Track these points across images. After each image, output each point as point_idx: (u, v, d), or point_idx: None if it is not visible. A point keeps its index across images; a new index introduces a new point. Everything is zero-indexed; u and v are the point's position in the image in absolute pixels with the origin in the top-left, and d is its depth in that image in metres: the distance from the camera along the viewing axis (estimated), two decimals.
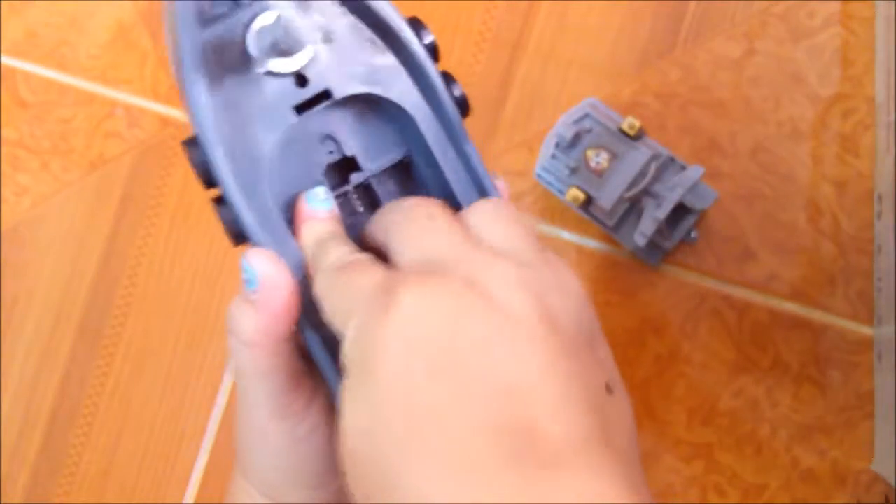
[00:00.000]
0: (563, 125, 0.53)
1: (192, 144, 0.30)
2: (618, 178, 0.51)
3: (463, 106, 0.31)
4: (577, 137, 0.53)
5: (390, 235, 0.27)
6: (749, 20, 0.56)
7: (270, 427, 0.30)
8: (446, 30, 0.59)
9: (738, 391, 0.54)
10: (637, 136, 0.53)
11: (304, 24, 0.30)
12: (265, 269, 0.28)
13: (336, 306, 0.26)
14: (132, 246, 0.62)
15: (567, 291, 0.26)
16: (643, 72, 0.57)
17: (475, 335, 0.23)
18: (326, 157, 0.32)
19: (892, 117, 0.51)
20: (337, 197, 0.32)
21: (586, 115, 0.53)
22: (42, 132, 0.63)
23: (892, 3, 0.51)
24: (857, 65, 0.55)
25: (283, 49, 0.29)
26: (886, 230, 0.51)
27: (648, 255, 0.55)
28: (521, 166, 0.57)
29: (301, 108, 0.30)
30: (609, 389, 0.25)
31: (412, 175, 0.33)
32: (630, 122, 0.52)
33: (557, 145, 0.53)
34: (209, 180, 0.30)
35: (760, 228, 0.55)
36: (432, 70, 0.30)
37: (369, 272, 0.25)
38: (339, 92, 0.30)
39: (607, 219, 0.53)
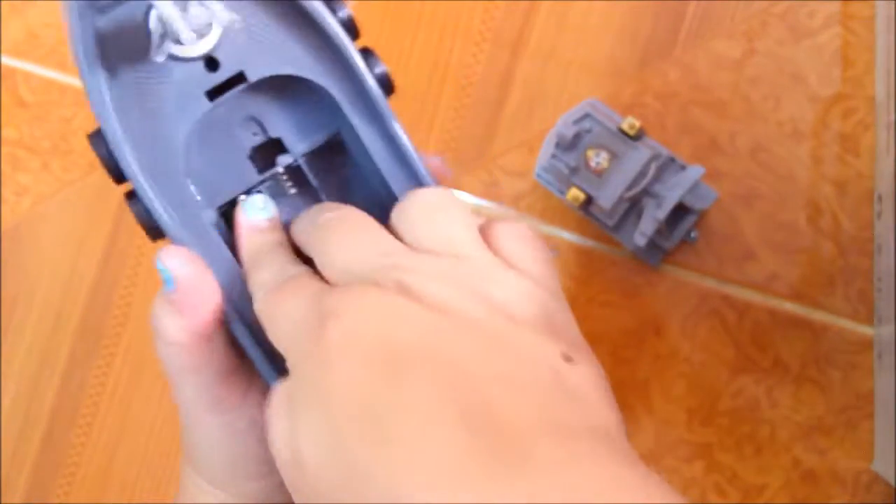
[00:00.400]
0: (563, 125, 0.53)
1: (97, 137, 0.28)
2: (618, 179, 0.51)
3: (385, 84, 0.29)
4: (577, 137, 0.53)
5: (314, 247, 0.26)
6: (749, 20, 0.56)
7: (207, 421, 0.29)
8: (446, 30, 0.59)
9: (738, 391, 0.54)
10: (637, 136, 0.53)
11: (210, 4, 0.28)
12: (181, 269, 0.27)
13: (274, 333, 0.25)
14: (132, 246, 0.62)
15: (504, 272, 0.25)
16: (643, 72, 0.57)
17: (413, 338, 0.22)
18: (251, 140, 0.31)
19: (893, 117, 0.51)
20: (265, 181, 0.31)
21: (586, 116, 0.53)
22: (42, 132, 0.63)
23: (893, 2, 0.51)
24: (857, 65, 0.55)
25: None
26: (886, 230, 0.51)
27: (648, 255, 0.55)
28: (521, 166, 0.57)
29: (214, 94, 0.29)
30: (567, 358, 0.24)
31: (343, 153, 0.31)
32: (630, 122, 0.52)
33: (557, 145, 0.53)
34: (118, 175, 0.28)
35: (760, 228, 0.55)
36: (349, 47, 0.29)
37: (301, 295, 0.25)
38: (254, 74, 0.29)
39: (607, 219, 0.53)
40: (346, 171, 0.31)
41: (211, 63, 0.28)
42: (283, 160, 0.31)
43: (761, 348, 0.54)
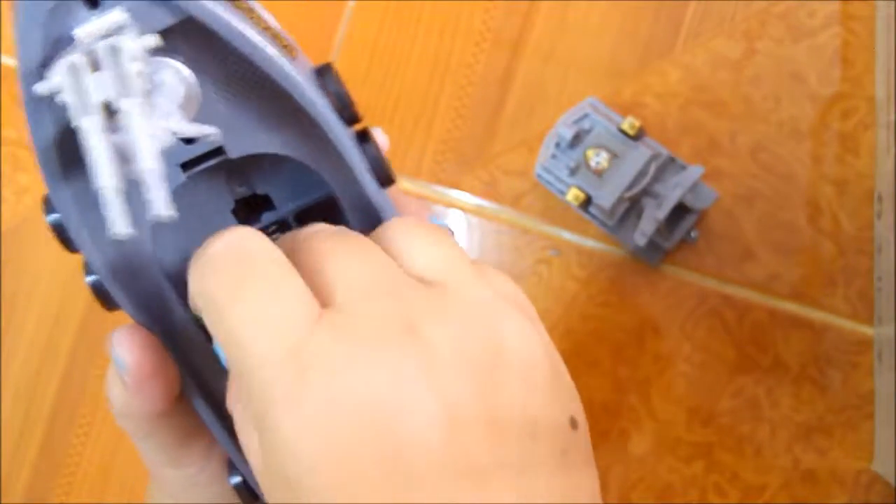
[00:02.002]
0: (563, 125, 0.53)
1: (48, 203, 0.25)
2: (618, 178, 0.51)
3: (381, 173, 0.26)
4: (577, 137, 0.53)
5: (309, 260, 0.23)
6: (749, 20, 0.56)
7: (168, 474, 0.28)
8: (446, 30, 0.59)
9: (738, 391, 0.54)
10: (637, 136, 0.53)
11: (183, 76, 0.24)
12: (132, 357, 0.25)
13: (218, 324, 0.22)
14: None
15: (509, 310, 0.23)
16: (643, 72, 0.57)
17: (419, 431, 0.20)
18: (235, 193, 0.28)
19: (892, 117, 0.51)
20: None
21: (586, 115, 0.53)
22: None
23: (892, 2, 0.51)
24: (857, 65, 0.55)
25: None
26: (886, 230, 0.51)
27: (648, 254, 0.55)
28: (521, 166, 0.57)
29: (189, 164, 0.26)
30: (574, 423, 0.22)
31: (338, 213, 0.28)
32: (630, 122, 0.52)
33: (557, 145, 0.53)
34: (68, 245, 0.26)
35: (760, 228, 0.55)
36: (337, 134, 0.25)
37: (280, 302, 0.22)
38: (235, 150, 0.25)
39: (607, 218, 0.53)
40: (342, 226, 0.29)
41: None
42: (269, 217, 0.28)
43: (761, 348, 0.54)
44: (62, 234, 0.25)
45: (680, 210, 0.51)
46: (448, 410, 0.20)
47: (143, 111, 0.21)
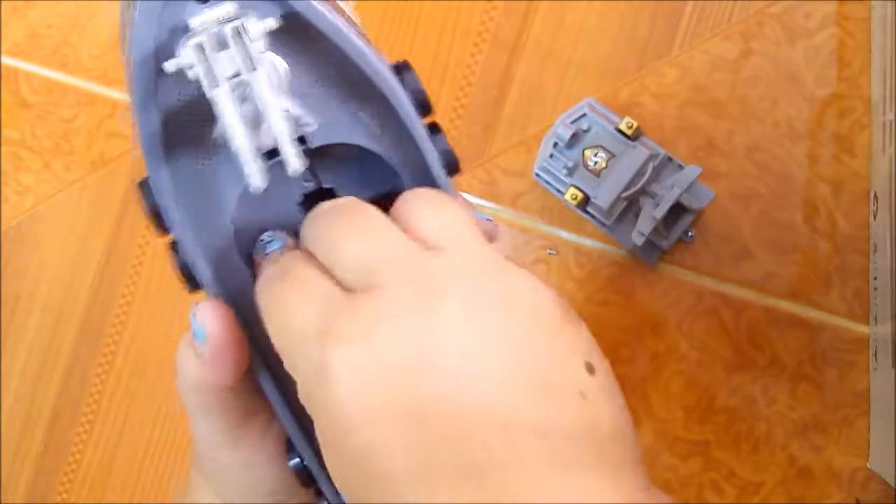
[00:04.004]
0: (561, 125, 0.53)
1: (145, 187, 0.27)
2: (615, 178, 0.52)
3: (450, 163, 0.28)
4: (575, 137, 0.53)
5: (318, 241, 0.25)
6: (746, 21, 0.56)
7: (223, 455, 0.29)
8: (445, 30, 0.59)
9: (735, 389, 0.55)
10: (635, 136, 0.53)
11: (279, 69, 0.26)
12: (214, 327, 0.27)
13: (272, 330, 0.24)
14: (133, 245, 0.62)
15: (515, 270, 0.24)
16: (641, 72, 0.57)
17: (436, 387, 0.21)
18: (303, 187, 0.29)
19: (888, 117, 0.51)
20: None
21: (584, 116, 0.54)
22: (44, 132, 0.64)
23: (889, 3, 0.52)
24: (853, 65, 0.55)
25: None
26: (882, 229, 0.51)
27: (646, 254, 0.55)
28: (519, 166, 0.58)
29: (272, 153, 0.27)
30: (591, 368, 0.23)
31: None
32: (628, 122, 0.53)
33: (556, 145, 0.54)
34: (161, 227, 0.27)
35: (757, 228, 0.55)
36: (417, 125, 0.27)
37: (306, 295, 0.24)
38: (316, 140, 0.28)
39: (605, 218, 0.53)
40: None
41: None
42: None
43: (758, 346, 0.55)
44: (157, 217, 0.27)
45: (677, 210, 0.52)
46: (465, 365, 0.21)
47: (269, 83, 0.24)
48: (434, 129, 0.28)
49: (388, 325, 0.22)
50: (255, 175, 0.24)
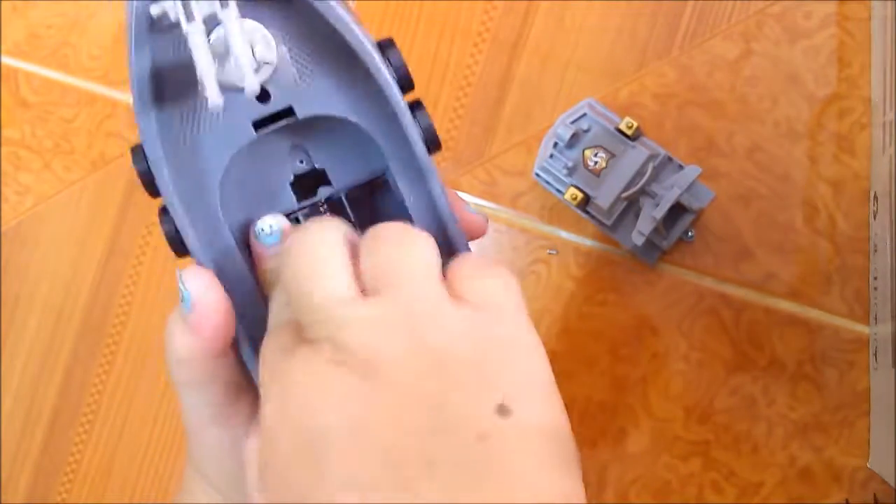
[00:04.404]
0: (561, 125, 0.53)
1: (138, 152, 0.28)
2: (615, 178, 0.52)
3: (431, 140, 0.29)
4: (575, 137, 0.53)
5: (281, 273, 0.26)
6: (746, 21, 0.56)
7: (212, 433, 0.29)
8: (445, 30, 0.59)
9: (735, 389, 0.55)
10: (635, 136, 0.53)
11: (266, 39, 0.28)
12: (200, 292, 0.27)
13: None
14: (133, 245, 0.62)
15: (444, 308, 0.24)
16: (641, 72, 0.57)
17: (333, 420, 0.23)
18: (295, 167, 0.31)
19: (888, 117, 0.51)
20: (304, 208, 0.31)
21: (584, 116, 0.54)
22: (44, 132, 0.64)
23: (889, 3, 0.52)
24: (853, 65, 0.55)
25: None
26: (882, 229, 0.51)
27: (646, 254, 0.55)
28: (519, 166, 0.58)
29: (260, 124, 0.29)
30: (503, 410, 0.23)
31: (387, 192, 0.31)
32: (628, 122, 0.53)
33: (556, 145, 0.54)
34: (153, 190, 0.29)
35: (757, 228, 0.55)
36: (398, 99, 0.28)
37: (270, 347, 0.25)
38: (302, 111, 0.29)
39: (605, 218, 0.53)
40: (387, 210, 0.31)
41: (262, 94, 0.28)
42: (325, 192, 0.31)
43: (758, 347, 0.55)
44: (149, 178, 0.28)
45: (677, 210, 0.52)
46: (357, 419, 0.23)
47: (237, 19, 0.26)
48: (416, 106, 0.29)
49: (308, 373, 0.24)
50: (213, 91, 0.25)
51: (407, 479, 0.22)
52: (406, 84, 0.29)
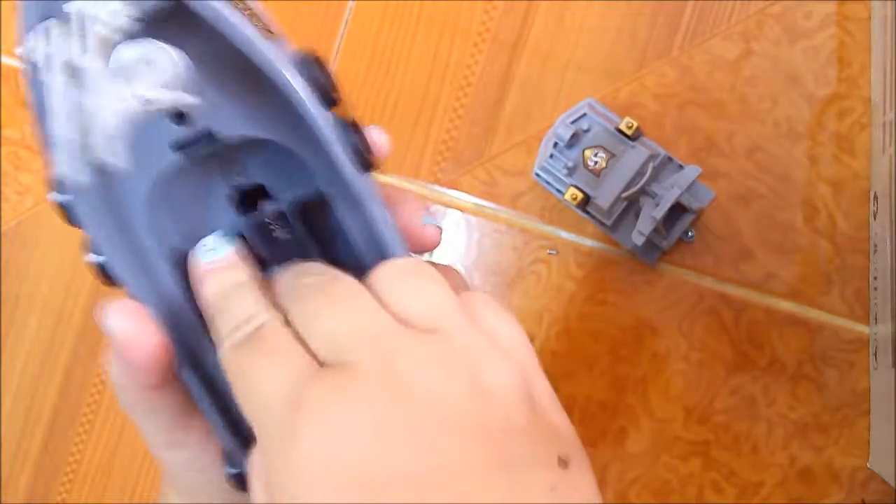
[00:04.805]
0: (561, 125, 0.53)
1: (52, 183, 0.25)
2: (615, 178, 0.52)
3: (362, 158, 0.26)
4: (575, 137, 0.53)
5: (298, 312, 0.24)
6: (746, 21, 0.56)
7: (167, 456, 0.28)
8: (445, 30, 0.59)
9: (735, 389, 0.55)
10: (635, 136, 0.53)
11: (171, 59, 0.25)
12: (124, 330, 0.26)
13: (241, 396, 0.24)
14: None
15: (493, 353, 0.23)
16: (641, 72, 0.57)
17: (396, 462, 0.21)
18: (233, 181, 0.28)
19: (888, 117, 0.51)
20: (247, 224, 0.28)
21: (584, 116, 0.54)
22: None
23: (889, 3, 0.52)
24: (853, 65, 0.55)
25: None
26: (882, 229, 0.51)
27: (646, 254, 0.55)
28: (519, 166, 0.58)
29: (181, 146, 0.26)
30: (563, 463, 0.22)
31: (331, 211, 0.28)
32: (628, 122, 0.53)
33: (556, 145, 0.54)
34: (70, 220, 0.26)
35: (757, 228, 0.55)
36: (316, 116, 0.26)
37: (279, 366, 0.23)
38: (223, 132, 0.26)
39: (605, 218, 0.53)
40: (333, 229, 0.29)
41: (178, 115, 0.26)
42: (266, 206, 0.28)
43: (758, 347, 0.55)
44: (66, 209, 0.26)
45: (677, 210, 0.52)
46: (426, 467, 0.21)
47: (103, 70, 0.22)
48: (345, 122, 0.27)
49: (354, 405, 0.21)
50: (64, 166, 0.22)
51: None
52: (328, 100, 0.26)
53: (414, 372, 0.22)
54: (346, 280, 0.25)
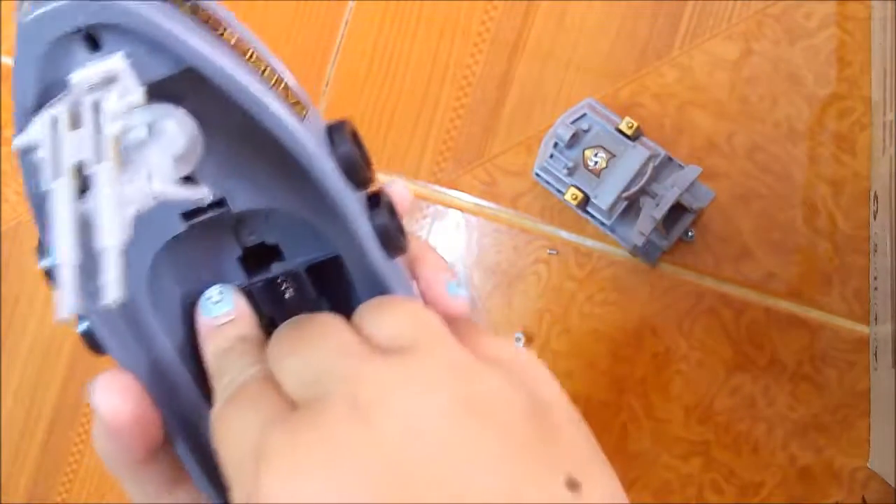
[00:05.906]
0: (561, 125, 0.53)
1: (43, 252, 0.24)
2: (616, 178, 0.52)
3: (389, 241, 0.24)
4: (575, 137, 0.53)
5: (270, 355, 0.23)
6: (746, 21, 0.56)
7: None
8: (445, 30, 0.59)
9: (735, 389, 0.55)
10: (635, 136, 0.53)
11: (183, 123, 0.22)
12: (111, 406, 0.24)
13: (218, 451, 0.22)
14: None
15: (480, 365, 0.21)
16: (641, 72, 0.57)
17: (361, 493, 0.19)
18: (244, 241, 0.27)
19: (888, 117, 0.51)
20: (257, 283, 0.27)
21: (584, 116, 0.54)
22: None
23: (889, 3, 0.52)
24: (853, 65, 0.55)
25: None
26: (882, 229, 0.51)
27: (646, 254, 0.55)
28: (519, 166, 0.58)
29: (192, 216, 0.25)
30: (574, 485, 0.20)
31: (345, 275, 0.26)
32: (628, 122, 0.53)
33: (556, 145, 0.54)
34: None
35: (757, 228, 0.55)
36: (344, 196, 0.23)
37: (250, 413, 0.22)
38: (237, 204, 0.24)
39: (605, 218, 0.53)
40: (346, 279, 0.27)
41: (189, 181, 0.24)
42: (278, 268, 0.27)
43: (758, 346, 0.55)
44: (50, 269, 0.24)
45: (677, 210, 0.52)
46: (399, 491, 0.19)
47: (113, 179, 0.19)
48: (374, 201, 0.24)
49: (315, 447, 0.20)
50: (63, 299, 0.19)
51: None
52: (359, 179, 0.24)
53: (383, 398, 0.20)
54: (320, 316, 0.23)
